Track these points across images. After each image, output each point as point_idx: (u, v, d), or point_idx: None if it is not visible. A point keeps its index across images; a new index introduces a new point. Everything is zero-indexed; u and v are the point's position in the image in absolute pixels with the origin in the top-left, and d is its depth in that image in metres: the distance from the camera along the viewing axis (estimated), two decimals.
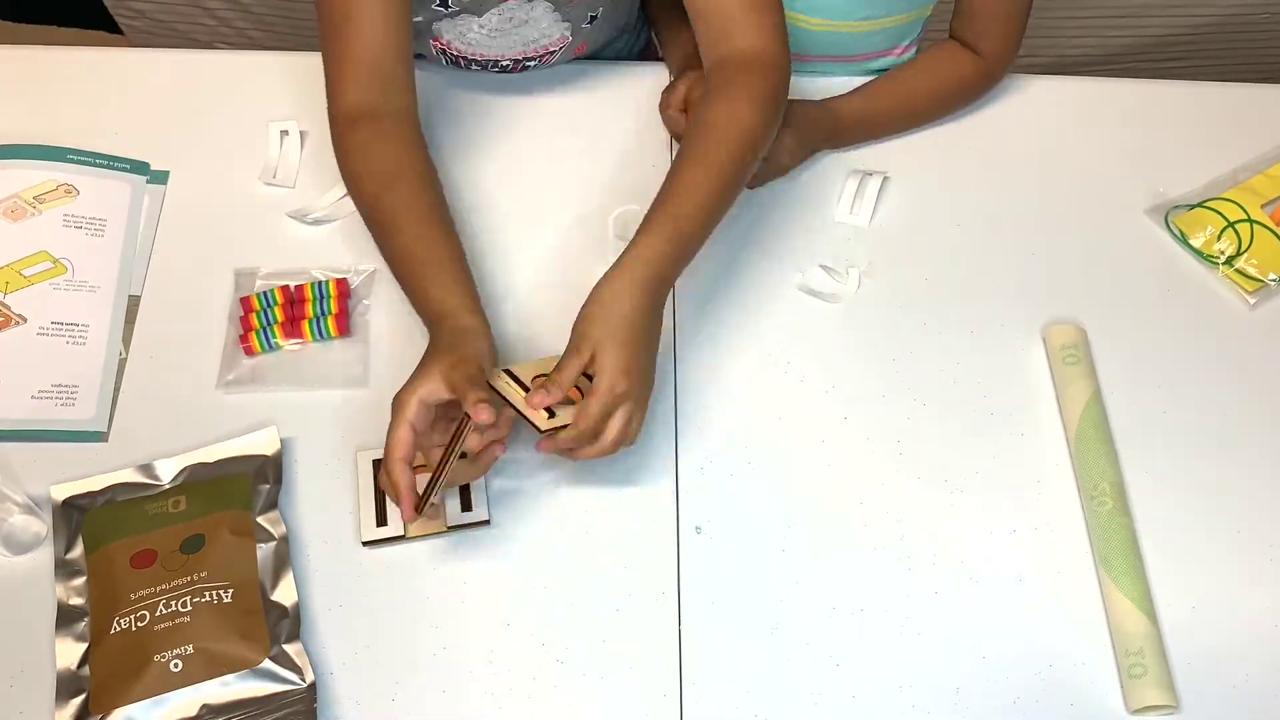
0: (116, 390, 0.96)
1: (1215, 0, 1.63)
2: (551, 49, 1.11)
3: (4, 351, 0.96)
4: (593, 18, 1.09)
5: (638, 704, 0.84)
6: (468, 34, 1.07)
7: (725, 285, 1.04)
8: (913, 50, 1.19)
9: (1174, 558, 0.91)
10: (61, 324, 0.98)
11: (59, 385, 0.95)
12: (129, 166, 1.08)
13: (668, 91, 1.10)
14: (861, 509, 0.93)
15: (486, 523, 0.90)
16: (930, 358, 1.01)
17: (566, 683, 0.85)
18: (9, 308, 0.98)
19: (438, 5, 1.03)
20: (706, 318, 1.02)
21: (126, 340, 0.99)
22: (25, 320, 0.98)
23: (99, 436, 0.94)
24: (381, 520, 0.89)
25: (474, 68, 1.13)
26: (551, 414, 0.85)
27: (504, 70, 1.13)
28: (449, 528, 0.89)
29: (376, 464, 0.90)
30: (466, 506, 0.90)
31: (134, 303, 1.01)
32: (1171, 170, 1.13)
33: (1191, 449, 0.97)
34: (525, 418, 0.86)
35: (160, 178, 1.08)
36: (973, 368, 1.00)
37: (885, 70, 1.16)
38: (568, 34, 1.09)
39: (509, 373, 0.88)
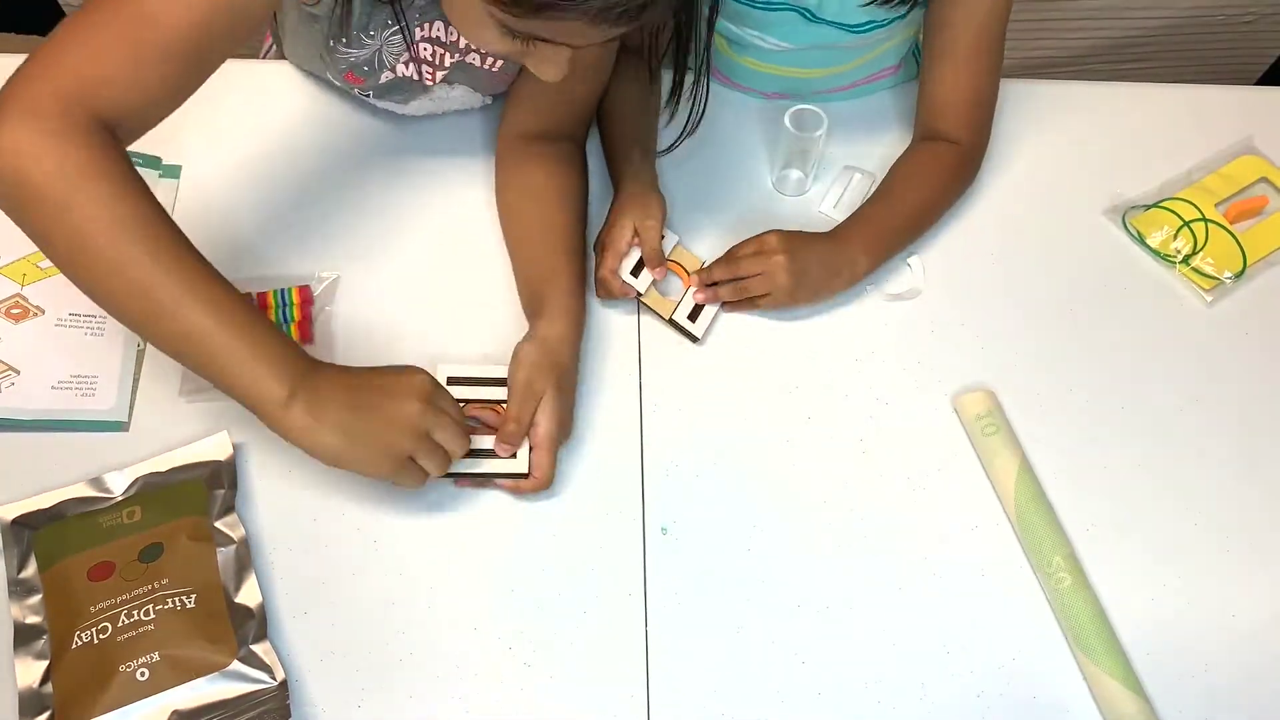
0: (136, 380, 0.96)
1: (1169, 5, 1.66)
2: (462, 110, 1.13)
3: (24, 342, 0.96)
4: (507, 91, 1.08)
5: (605, 704, 0.84)
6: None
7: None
8: (900, 71, 1.19)
9: (1135, 557, 0.93)
10: (79, 315, 0.98)
11: (78, 376, 0.95)
12: (141, 161, 1.07)
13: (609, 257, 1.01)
14: (825, 507, 0.93)
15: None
16: (891, 357, 1.02)
17: (534, 685, 0.85)
18: (27, 299, 0.98)
19: (358, 92, 1.03)
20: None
21: None
22: (43, 311, 0.98)
23: (121, 426, 0.94)
24: None
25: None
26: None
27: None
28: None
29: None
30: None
31: None
32: (1128, 171, 1.14)
33: (1152, 446, 0.98)
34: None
35: (172, 172, 1.08)
36: (933, 365, 1.01)
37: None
38: (485, 101, 1.11)
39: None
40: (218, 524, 0.88)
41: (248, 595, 0.85)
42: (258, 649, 0.82)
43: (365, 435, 0.79)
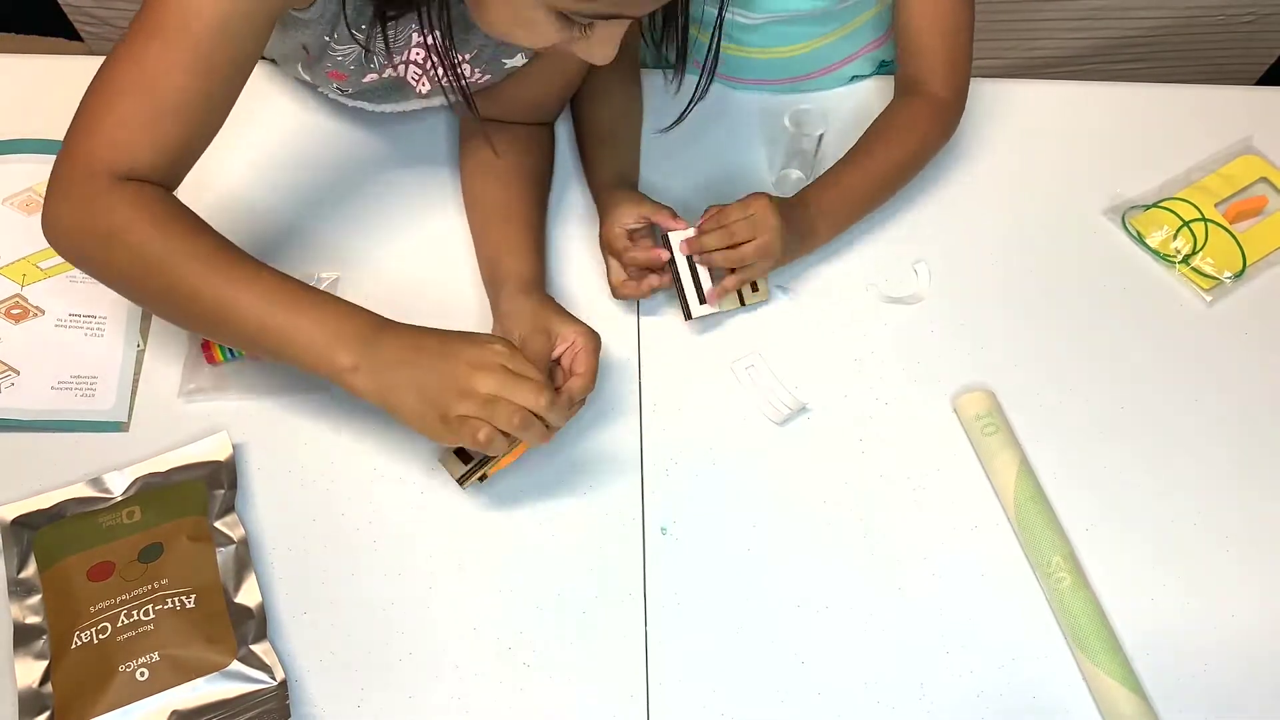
0: (135, 380, 0.96)
1: (1169, 5, 1.65)
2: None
3: (24, 343, 0.96)
4: None
5: (604, 705, 0.84)
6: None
7: None
8: (880, 48, 1.19)
9: (1135, 557, 0.93)
10: (79, 316, 0.98)
11: (78, 376, 0.96)
12: None
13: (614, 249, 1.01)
14: (825, 507, 0.93)
15: None
16: (891, 357, 1.02)
17: (533, 685, 0.85)
18: (27, 300, 0.98)
19: (337, 89, 1.02)
20: (670, 319, 1.03)
21: (144, 332, 0.99)
22: (43, 312, 0.98)
23: (120, 426, 0.94)
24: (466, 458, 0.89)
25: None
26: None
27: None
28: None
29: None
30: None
31: None
32: (1127, 171, 1.14)
33: (1152, 446, 0.98)
34: None
35: None
36: (933, 365, 1.01)
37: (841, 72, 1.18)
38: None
39: None
40: (217, 524, 0.88)
41: (247, 595, 0.85)
42: (257, 649, 0.82)
43: (434, 396, 0.79)
